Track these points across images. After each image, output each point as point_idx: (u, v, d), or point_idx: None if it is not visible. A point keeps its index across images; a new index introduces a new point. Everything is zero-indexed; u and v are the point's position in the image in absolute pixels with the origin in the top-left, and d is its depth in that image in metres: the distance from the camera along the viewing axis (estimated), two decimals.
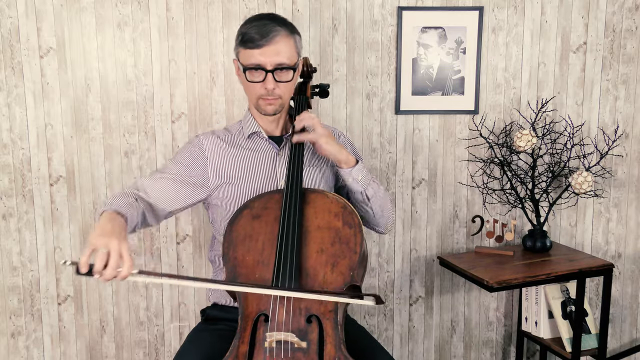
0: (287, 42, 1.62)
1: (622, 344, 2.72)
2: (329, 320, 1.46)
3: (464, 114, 2.45)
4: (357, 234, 1.52)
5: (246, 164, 1.72)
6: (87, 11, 2.22)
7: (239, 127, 1.79)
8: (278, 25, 1.61)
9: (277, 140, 1.75)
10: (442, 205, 2.51)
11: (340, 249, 1.51)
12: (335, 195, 1.58)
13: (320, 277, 1.49)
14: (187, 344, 1.68)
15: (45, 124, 2.27)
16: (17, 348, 2.38)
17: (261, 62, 1.60)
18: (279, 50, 1.60)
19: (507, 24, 2.42)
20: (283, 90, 1.65)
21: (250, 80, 1.63)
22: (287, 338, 1.43)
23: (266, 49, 1.59)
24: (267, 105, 1.66)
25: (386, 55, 2.38)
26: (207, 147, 1.73)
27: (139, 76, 2.28)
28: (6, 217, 2.30)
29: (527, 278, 2.16)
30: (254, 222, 1.56)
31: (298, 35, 1.67)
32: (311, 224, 1.54)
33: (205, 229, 2.39)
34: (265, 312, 1.47)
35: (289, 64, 1.62)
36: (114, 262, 1.29)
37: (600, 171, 2.50)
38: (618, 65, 2.49)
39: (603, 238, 2.62)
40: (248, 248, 1.53)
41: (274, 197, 1.58)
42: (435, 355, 2.61)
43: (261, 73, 1.61)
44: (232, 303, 1.72)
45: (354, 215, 1.54)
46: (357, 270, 1.51)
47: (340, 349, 1.43)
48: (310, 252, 1.51)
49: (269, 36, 1.58)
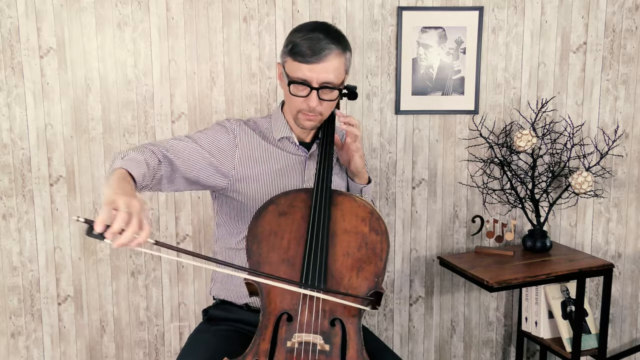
0: (338, 62, 1.55)
1: (622, 344, 2.71)
2: (352, 325, 1.44)
3: (464, 114, 2.45)
4: (384, 241, 1.50)
5: (275, 164, 1.67)
6: (87, 11, 2.22)
7: (268, 126, 1.72)
8: (332, 43, 1.53)
9: (307, 147, 1.71)
10: (442, 205, 2.51)
11: (367, 254, 1.49)
12: (363, 200, 1.56)
13: (346, 281, 1.47)
14: (189, 346, 1.65)
15: (45, 124, 2.27)
16: (17, 348, 2.38)
17: (308, 77, 1.53)
18: (329, 69, 1.53)
19: (507, 24, 2.42)
20: (325, 108, 1.59)
21: (293, 94, 1.56)
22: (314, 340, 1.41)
23: (316, 66, 1.52)
24: (306, 120, 1.60)
25: (386, 55, 2.38)
26: (239, 134, 1.66)
27: (139, 76, 2.28)
28: (6, 217, 2.30)
29: (527, 278, 2.16)
30: (280, 219, 1.52)
31: (349, 52, 1.60)
32: (338, 227, 1.52)
33: (205, 229, 2.39)
34: (289, 311, 1.45)
35: (336, 83, 1.56)
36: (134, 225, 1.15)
37: (600, 171, 2.50)
38: (618, 65, 2.49)
39: (603, 238, 2.62)
40: (273, 245, 1.50)
41: (300, 195, 1.55)
42: (435, 355, 2.61)
43: (306, 89, 1.54)
44: (238, 300, 1.69)
45: (381, 222, 1.52)
46: (382, 277, 1.49)
47: (362, 354, 1.42)
48: (336, 255, 1.49)
49: (321, 54, 1.51)
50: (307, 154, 1.69)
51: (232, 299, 1.73)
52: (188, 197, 2.37)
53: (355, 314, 1.45)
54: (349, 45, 1.59)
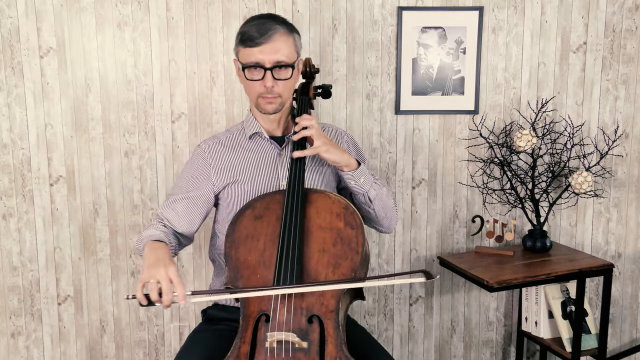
0: (285, 40, 1.62)
1: (622, 344, 2.71)
2: (330, 320, 1.45)
3: (464, 114, 2.45)
4: (359, 234, 1.52)
5: (248, 165, 1.73)
6: (87, 11, 2.22)
7: (241, 128, 1.80)
8: (277, 24, 1.62)
9: (279, 141, 1.76)
10: (442, 205, 2.51)
11: (342, 249, 1.51)
12: (337, 196, 1.58)
13: (322, 277, 1.49)
14: (188, 345, 1.67)
15: (45, 124, 2.27)
16: (17, 348, 2.38)
17: (260, 59, 1.60)
18: (278, 48, 1.60)
19: (507, 24, 2.42)
20: (282, 89, 1.65)
21: (249, 79, 1.63)
22: (287, 338, 1.43)
23: (265, 46, 1.59)
24: (266, 103, 1.66)
25: (386, 55, 2.38)
26: (209, 153, 1.75)
27: (139, 76, 2.28)
28: (6, 217, 2.30)
29: (527, 278, 2.16)
30: (256, 223, 1.55)
31: (297, 34, 1.68)
32: (313, 224, 1.53)
33: (205, 229, 2.39)
34: (267, 312, 1.47)
35: (288, 62, 1.63)
36: (166, 288, 1.37)
37: (600, 171, 2.50)
38: (618, 65, 2.49)
39: (603, 238, 2.62)
40: (250, 248, 1.53)
41: (275, 197, 1.58)
42: (435, 355, 2.61)
43: (260, 71, 1.62)
44: (234, 303, 1.72)
45: (356, 216, 1.53)
46: (359, 271, 1.50)
47: (342, 349, 1.43)
48: (311, 252, 1.51)
49: (268, 34, 1.59)
50: (279, 149, 1.74)
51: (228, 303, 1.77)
52: None
53: (332, 309, 1.46)
54: (295, 28, 1.68)
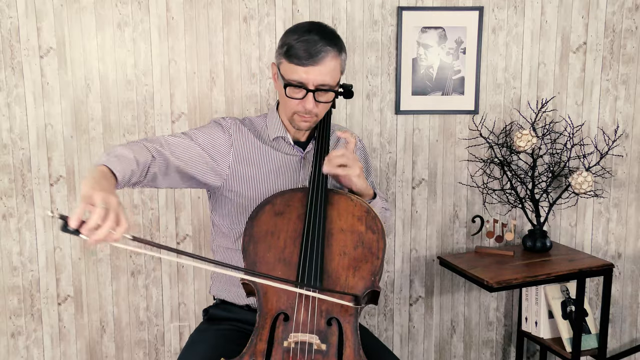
0: (334, 64, 1.54)
1: (622, 344, 2.72)
2: (349, 324, 1.44)
3: (464, 114, 2.45)
4: (380, 239, 1.50)
5: (270, 164, 1.66)
6: (87, 11, 2.22)
7: (264, 125, 1.71)
8: (328, 45, 1.52)
9: (302, 146, 1.70)
10: (442, 205, 2.51)
11: (363, 253, 1.49)
12: (359, 199, 1.55)
13: (342, 280, 1.47)
14: (190, 346, 1.64)
15: (45, 124, 2.27)
16: (17, 348, 2.38)
17: (304, 79, 1.52)
18: (325, 72, 1.52)
19: (507, 24, 2.42)
20: (320, 109, 1.59)
21: (289, 96, 1.56)
22: (310, 340, 1.41)
23: (311, 68, 1.51)
24: (302, 122, 1.60)
25: (386, 55, 2.38)
26: (235, 134, 1.65)
27: (139, 76, 2.28)
28: (6, 217, 2.30)
29: (527, 278, 2.16)
30: (277, 219, 1.52)
31: (345, 53, 1.59)
32: (334, 226, 1.51)
33: (205, 229, 2.39)
34: (285, 311, 1.44)
35: (332, 85, 1.56)
36: (111, 221, 1.14)
37: (600, 171, 2.50)
38: (618, 65, 2.49)
39: (603, 238, 2.62)
40: (269, 245, 1.50)
41: (297, 194, 1.55)
42: (435, 355, 2.61)
43: (302, 91, 1.54)
44: (239, 301, 1.69)
45: (377, 220, 1.51)
46: (378, 276, 1.49)
47: (359, 354, 1.41)
48: (332, 255, 1.48)
49: (318, 57, 1.50)
50: (302, 154, 1.69)
51: (232, 300, 1.72)
52: (188, 197, 2.37)
53: (352, 313, 1.45)
54: (344, 46, 1.59)
